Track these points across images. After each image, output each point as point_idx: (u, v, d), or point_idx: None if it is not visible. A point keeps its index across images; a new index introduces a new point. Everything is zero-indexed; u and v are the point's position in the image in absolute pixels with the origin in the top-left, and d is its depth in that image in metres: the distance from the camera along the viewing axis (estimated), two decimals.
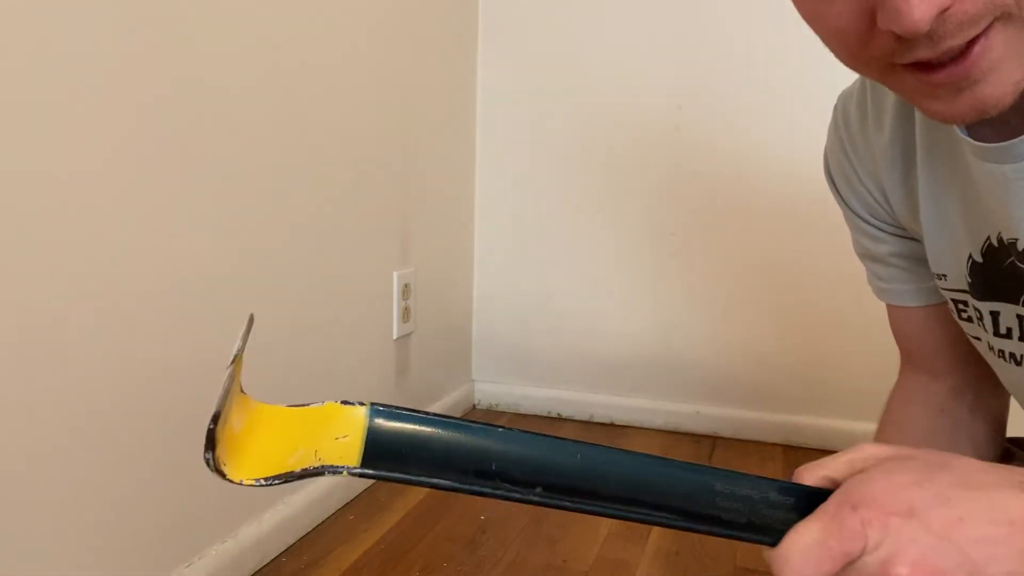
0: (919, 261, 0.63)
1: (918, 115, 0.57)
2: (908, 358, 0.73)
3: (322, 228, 1.21)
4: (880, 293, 0.70)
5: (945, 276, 0.59)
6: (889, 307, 0.70)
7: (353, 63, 1.27)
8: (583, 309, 1.77)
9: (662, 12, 1.63)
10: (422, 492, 1.36)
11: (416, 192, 1.51)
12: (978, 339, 0.59)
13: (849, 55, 0.44)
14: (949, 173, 0.55)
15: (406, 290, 1.47)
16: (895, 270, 0.67)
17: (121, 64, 0.83)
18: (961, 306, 0.58)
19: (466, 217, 1.78)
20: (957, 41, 0.38)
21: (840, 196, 0.68)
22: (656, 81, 1.65)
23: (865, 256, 0.70)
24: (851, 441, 1.86)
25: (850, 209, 0.67)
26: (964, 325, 0.59)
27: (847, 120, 0.64)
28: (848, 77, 0.72)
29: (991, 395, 0.67)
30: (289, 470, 0.26)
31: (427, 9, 1.53)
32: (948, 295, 0.60)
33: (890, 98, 0.60)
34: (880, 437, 0.70)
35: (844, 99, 0.66)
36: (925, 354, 0.70)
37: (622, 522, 1.25)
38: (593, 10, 1.68)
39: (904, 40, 0.38)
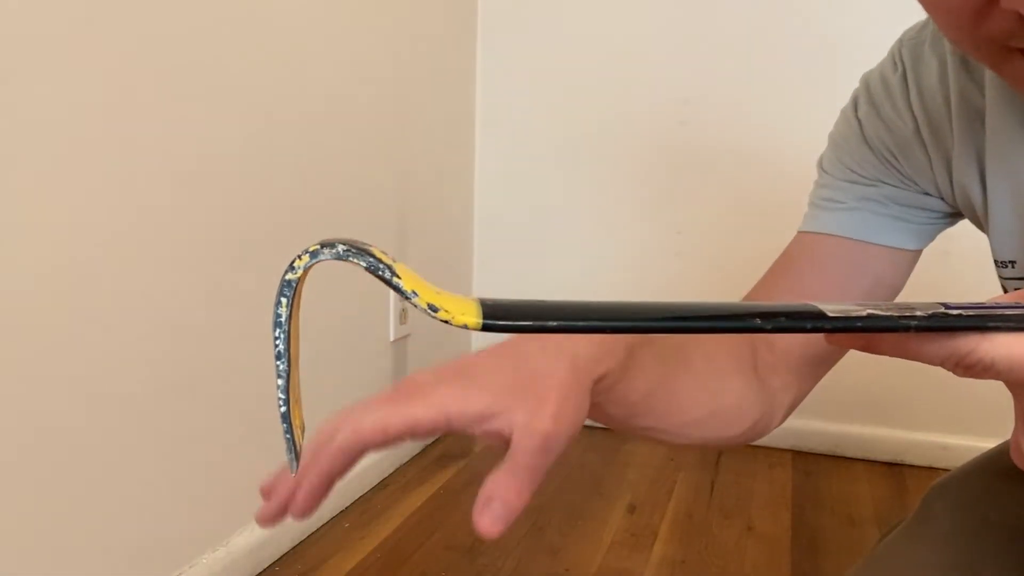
0: (920, 209, 0.60)
1: (992, 85, 0.54)
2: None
3: (317, 226, 1.18)
4: (823, 217, 0.63)
5: (1013, 263, 0.55)
6: (808, 239, 0.64)
7: (351, 59, 1.25)
8: None
9: (667, 5, 1.61)
10: (419, 499, 1.33)
11: (414, 190, 1.48)
12: None
13: (959, 32, 0.41)
14: None
15: None
16: (884, 205, 0.62)
17: (116, 55, 0.81)
18: None
19: (465, 216, 1.75)
20: None
21: (865, 136, 0.61)
22: (661, 75, 1.62)
23: (832, 187, 0.64)
24: (860, 446, 1.82)
25: (868, 145, 0.61)
26: None
27: (918, 64, 0.59)
28: (851, 72, 0.70)
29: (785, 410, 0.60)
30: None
31: (426, 3, 1.51)
32: (1012, 284, 0.56)
33: (932, 76, 0.56)
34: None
35: (913, 44, 0.60)
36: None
37: (626, 531, 1.23)
38: (596, 4, 1.65)
39: None
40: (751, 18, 1.56)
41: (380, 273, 0.27)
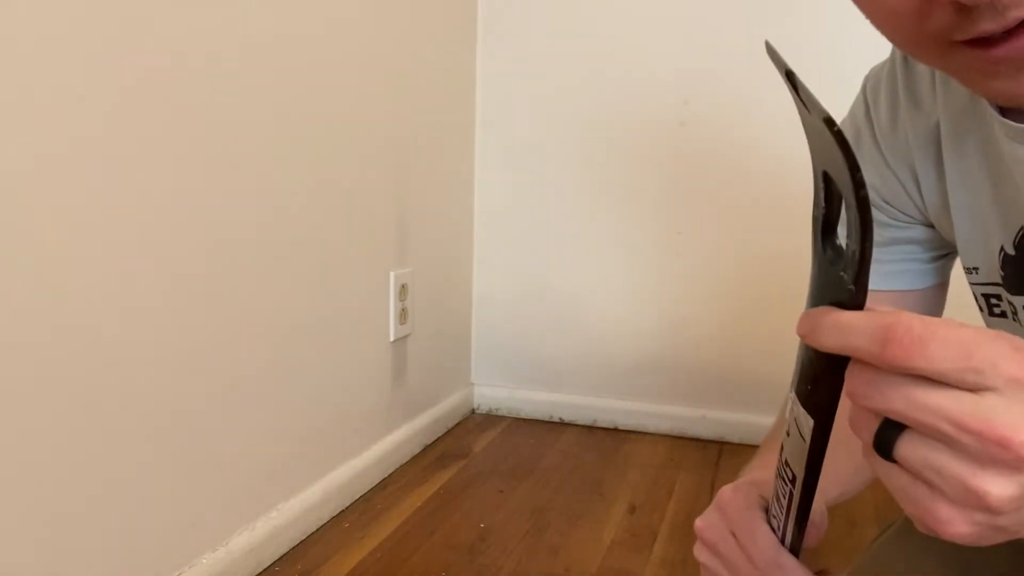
0: (920, 244, 0.62)
1: (940, 101, 0.55)
2: None
3: (316, 227, 1.18)
4: None
5: (976, 270, 0.57)
6: None
7: (349, 58, 1.24)
8: (586, 311, 1.73)
9: (668, 6, 1.60)
10: (420, 499, 1.33)
11: (414, 189, 1.48)
12: None
13: (904, 35, 0.42)
14: (980, 160, 0.53)
15: (403, 291, 1.44)
16: (886, 250, 0.64)
17: (117, 53, 0.80)
18: (994, 301, 0.56)
19: (465, 216, 1.75)
20: (1022, 11, 0.36)
21: None
22: (661, 76, 1.62)
23: None
24: None
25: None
26: (996, 322, 0.57)
27: (876, 103, 0.62)
28: (855, 72, 0.70)
29: None
30: None
31: (427, 4, 1.50)
32: (979, 290, 0.57)
33: (925, 80, 0.58)
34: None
35: (874, 80, 0.63)
36: None
37: (626, 531, 1.23)
38: (596, 5, 1.65)
39: (965, 12, 0.37)
40: (752, 19, 1.55)
41: None
